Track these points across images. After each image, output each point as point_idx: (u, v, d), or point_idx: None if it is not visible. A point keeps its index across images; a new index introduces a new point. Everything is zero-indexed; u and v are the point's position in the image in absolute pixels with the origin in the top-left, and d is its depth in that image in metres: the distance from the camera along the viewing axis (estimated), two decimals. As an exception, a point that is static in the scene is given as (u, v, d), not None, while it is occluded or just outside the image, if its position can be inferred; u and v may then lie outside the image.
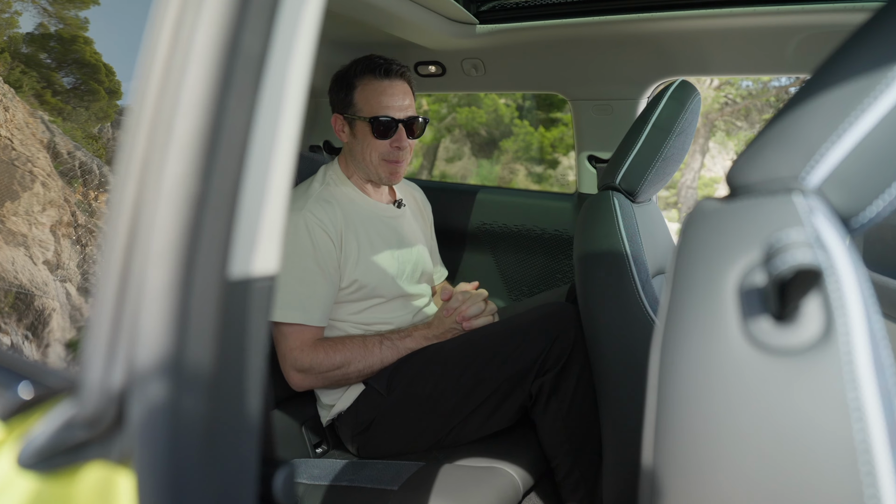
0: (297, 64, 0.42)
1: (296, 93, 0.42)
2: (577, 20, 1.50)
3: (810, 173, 0.46)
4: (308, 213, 1.39)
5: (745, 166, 0.51)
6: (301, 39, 0.42)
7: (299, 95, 0.42)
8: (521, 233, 1.95)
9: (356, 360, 1.40)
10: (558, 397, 1.34)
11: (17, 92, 1.02)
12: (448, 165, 12.93)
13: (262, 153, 0.40)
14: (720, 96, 10.64)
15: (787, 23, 1.34)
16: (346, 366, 1.40)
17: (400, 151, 1.47)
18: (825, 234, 0.41)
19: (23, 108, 0.97)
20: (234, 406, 0.37)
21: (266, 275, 0.41)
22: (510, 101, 11.83)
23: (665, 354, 0.44)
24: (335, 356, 1.39)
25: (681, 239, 0.51)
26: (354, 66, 1.47)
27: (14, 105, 0.98)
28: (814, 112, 0.48)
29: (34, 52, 1.07)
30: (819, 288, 0.39)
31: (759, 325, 0.40)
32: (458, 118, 12.28)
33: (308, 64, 0.43)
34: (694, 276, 0.45)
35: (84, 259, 0.94)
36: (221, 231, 0.36)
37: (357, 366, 1.40)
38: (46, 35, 1.02)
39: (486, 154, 12.83)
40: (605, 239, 1.24)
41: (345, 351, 1.40)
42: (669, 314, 0.46)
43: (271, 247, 0.41)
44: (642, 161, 1.31)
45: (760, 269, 0.41)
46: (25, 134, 0.99)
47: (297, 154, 0.43)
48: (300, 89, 0.42)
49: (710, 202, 0.51)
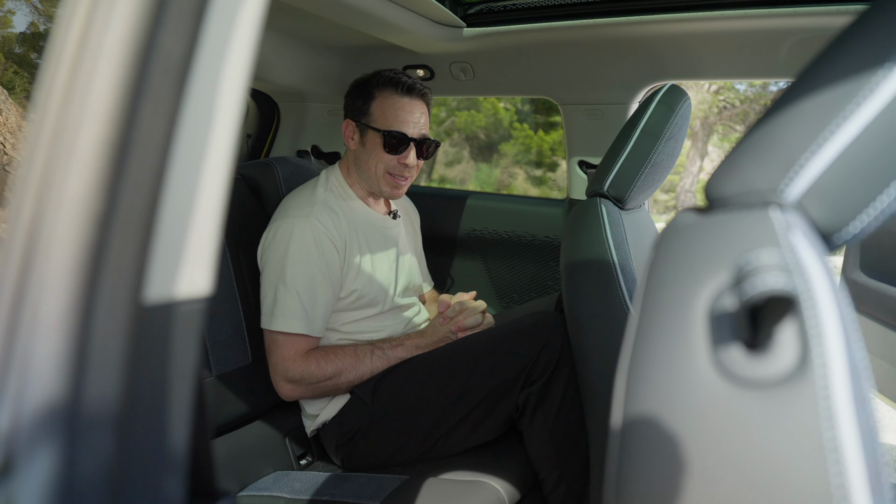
0: (231, 70, 0.39)
1: (230, 101, 0.39)
2: (566, 23, 1.47)
3: (789, 186, 0.43)
4: (315, 221, 1.37)
5: (722, 177, 0.48)
6: (237, 44, 0.39)
7: (234, 104, 0.39)
8: (512, 239, 1.91)
9: (347, 370, 1.38)
10: (545, 408, 1.31)
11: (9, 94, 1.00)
12: (447, 169, 12.92)
13: (187, 167, 0.36)
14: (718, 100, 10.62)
15: (778, 26, 1.31)
16: (338, 376, 1.37)
17: (406, 168, 1.45)
18: (802, 255, 0.38)
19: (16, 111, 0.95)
20: (150, 443, 0.34)
21: (193, 297, 0.37)
22: (509, 104, 11.83)
23: (631, 381, 0.41)
24: (327, 367, 1.36)
25: (652, 255, 0.48)
26: (377, 76, 1.45)
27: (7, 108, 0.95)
28: (793, 120, 0.45)
29: (26, 53, 1.04)
30: (794, 314, 0.35)
31: (730, 354, 0.36)
32: (457, 122, 12.28)
33: (246, 70, 0.40)
34: (663, 297, 0.42)
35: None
36: (133, 252, 0.32)
37: (348, 376, 1.38)
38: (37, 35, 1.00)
39: (486, 158, 12.82)
40: (592, 247, 1.21)
41: (336, 361, 1.37)
42: (637, 338, 0.42)
43: (200, 267, 0.38)
44: (631, 167, 1.28)
45: (731, 293, 0.37)
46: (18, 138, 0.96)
47: (235, 167, 0.40)
48: (236, 97, 0.39)
49: (686, 215, 0.48)
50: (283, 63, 1.80)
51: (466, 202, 2.00)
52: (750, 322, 0.36)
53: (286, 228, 1.39)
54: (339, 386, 1.38)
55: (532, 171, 12.08)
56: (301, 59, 1.83)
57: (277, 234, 1.40)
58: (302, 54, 1.82)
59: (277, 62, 1.79)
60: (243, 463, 1.47)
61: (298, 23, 1.59)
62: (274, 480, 1.44)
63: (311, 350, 1.38)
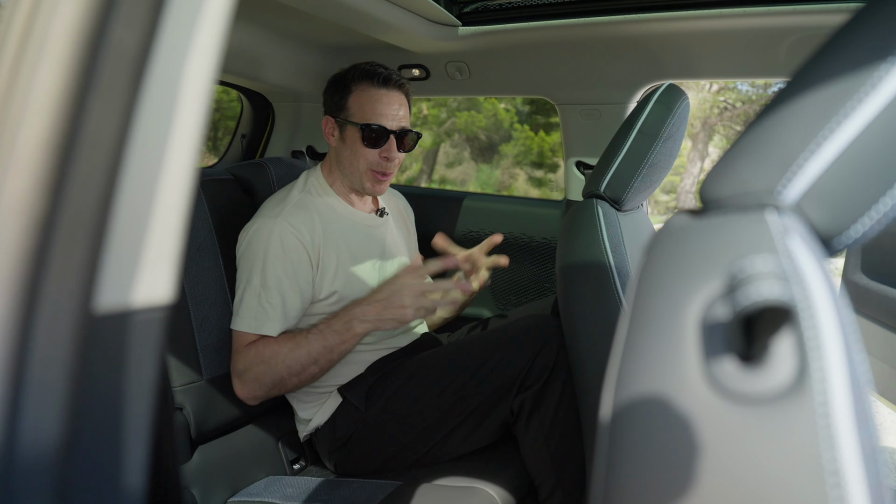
0: (196, 65, 0.36)
1: (194, 98, 0.37)
2: (562, 22, 1.45)
3: (787, 187, 0.40)
4: (283, 222, 1.34)
5: (717, 178, 0.45)
6: (201, 37, 0.37)
7: (199, 100, 0.37)
8: (508, 241, 1.89)
9: (283, 354, 1.28)
10: (541, 414, 1.29)
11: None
12: (448, 170, 12.89)
13: (145, 166, 0.34)
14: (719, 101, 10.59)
15: (778, 24, 1.29)
16: (274, 362, 1.28)
17: (388, 163, 1.42)
18: (800, 261, 0.35)
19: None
20: (100, 475, 0.32)
21: (152, 305, 0.35)
22: (510, 105, 11.81)
23: (619, 393, 0.38)
24: (264, 351, 1.29)
25: (643, 260, 0.45)
26: (353, 70, 1.42)
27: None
28: (791, 118, 0.42)
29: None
30: (792, 325, 0.33)
31: (722, 367, 0.34)
32: (457, 122, 12.25)
33: (212, 66, 0.38)
34: (652, 305, 0.40)
35: None
36: (81, 256, 0.30)
37: (286, 361, 1.28)
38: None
39: (486, 158, 12.79)
40: (588, 250, 1.19)
41: (273, 346, 1.30)
42: (626, 347, 0.40)
43: (161, 273, 0.36)
44: (628, 168, 1.26)
45: (724, 301, 0.35)
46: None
47: (199, 167, 0.38)
48: (200, 93, 0.37)
49: (679, 218, 0.46)
50: (276, 62, 1.78)
51: (463, 203, 1.97)
52: (744, 333, 0.34)
53: (255, 230, 1.37)
54: (280, 374, 1.29)
55: (533, 172, 12.06)
56: (295, 58, 1.81)
57: (247, 235, 1.38)
58: (296, 53, 1.80)
59: (271, 61, 1.77)
60: (234, 468, 1.44)
61: (292, 22, 1.57)
62: (265, 486, 1.42)
63: (253, 341, 1.33)
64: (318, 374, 1.33)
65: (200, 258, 1.45)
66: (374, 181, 1.44)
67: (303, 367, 1.29)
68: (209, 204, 1.51)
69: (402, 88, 1.44)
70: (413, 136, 1.45)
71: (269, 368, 1.29)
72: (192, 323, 1.39)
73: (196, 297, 1.42)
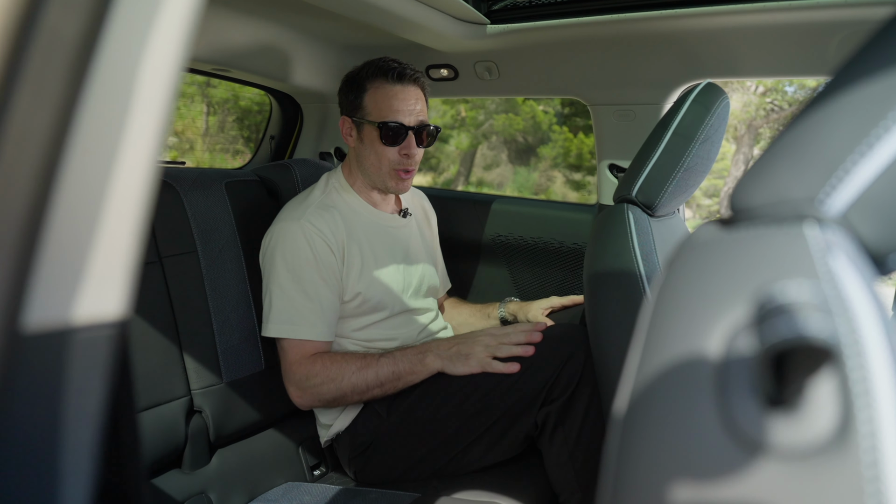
0: (156, 57, 0.33)
1: (153, 93, 0.33)
2: (595, 18, 1.38)
3: (831, 195, 0.34)
4: (306, 223, 1.33)
5: (749, 184, 0.40)
6: (163, 26, 0.33)
7: (160, 97, 0.33)
8: (538, 246, 1.83)
9: (350, 373, 1.29)
10: (565, 427, 1.23)
11: None
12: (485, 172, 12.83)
13: (89, 167, 0.31)
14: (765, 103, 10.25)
15: (828, 18, 1.20)
16: (340, 380, 1.29)
17: (408, 159, 1.39)
18: (846, 286, 0.29)
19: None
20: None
21: (99, 322, 0.32)
22: (548, 107, 11.68)
23: (626, 436, 0.33)
24: (331, 368, 1.30)
25: (663, 276, 0.40)
26: (366, 67, 1.40)
27: None
28: (837, 116, 0.36)
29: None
30: (834, 365, 0.27)
31: (746, 412, 0.28)
32: (494, 125, 12.18)
33: (177, 58, 0.34)
34: (668, 331, 0.34)
35: None
36: (3, 267, 0.27)
37: (351, 379, 1.29)
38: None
39: (524, 161, 12.68)
40: (618, 257, 1.13)
41: (341, 363, 1.30)
42: (637, 380, 0.35)
43: (110, 285, 0.32)
44: (661, 171, 1.19)
45: (751, 332, 0.29)
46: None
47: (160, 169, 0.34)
48: (161, 89, 0.33)
49: (707, 229, 0.40)
50: (304, 63, 1.77)
51: (491, 206, 1.92)
52: (774, 372, 0.28)
53: (278, 232, 1.35)
54: (343, 392, 1.30)
55: (571, 175, 11.90)
56: (323, 59, 1.79)
57: (271, 239, 1.37)
58: (324, 54, 1.78)
59: (299, 62, 1.76)
60: (253, 472, 1.43)
61: (320, 22, 1.55)
62: (284, 492, 1.40)
63: (319, 353, 1.33)
64: (379, 396, 1.33)
65: (222, 260, 1.44)
66: (398, 179, 1.41)
67: (367, 387, 1.30)
68: (232, 205, 1.50)
69: (418, 82, 1.40)
70: (432, 129, 1.42)
71: (334, 385, 1.30)
72: (212, 325, 1.38)
73: (217, 300, 1.40)
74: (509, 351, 1.26)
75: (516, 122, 11.99)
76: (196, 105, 10.36)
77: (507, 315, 1.61)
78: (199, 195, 1.44)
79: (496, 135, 12.48)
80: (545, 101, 11.44)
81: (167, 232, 1.35)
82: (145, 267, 1.30)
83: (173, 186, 1.39)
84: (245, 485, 1.40)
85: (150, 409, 1.25)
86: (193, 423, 1.33)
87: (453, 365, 1.29)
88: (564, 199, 10.82)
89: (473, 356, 1.28)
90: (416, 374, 1.30)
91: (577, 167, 11.73)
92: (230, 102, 10.51)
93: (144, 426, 1.23)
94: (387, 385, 1.30)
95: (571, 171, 11.87)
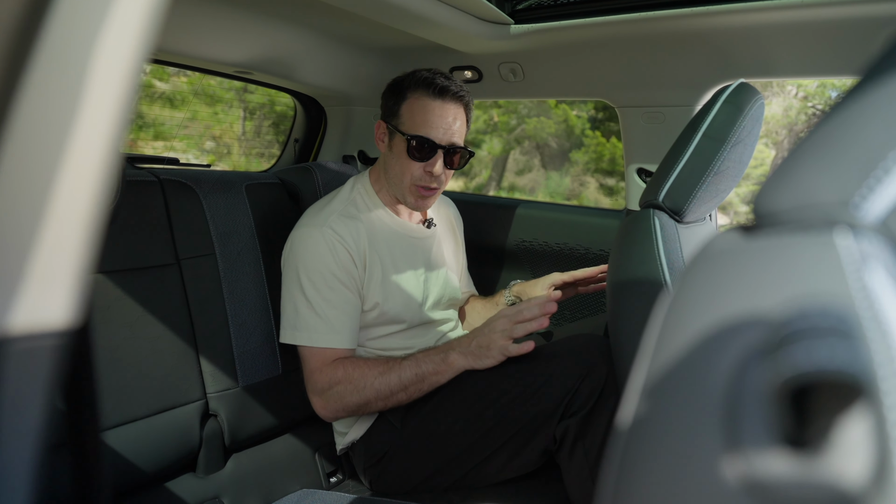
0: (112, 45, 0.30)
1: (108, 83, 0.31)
2: (623, 17, 1.33)
3: (868, 198, 0.30)
4: (328, 230, 1.31)
5: (775, 186, 0.35)
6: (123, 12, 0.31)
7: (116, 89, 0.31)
8: (564, 252, 1.78)
9: (373, 377, 1.26)
10: (586, 442, 1.18)
11: None
12: (517, 177, 12.73)
13: (29, 160, 0.28)
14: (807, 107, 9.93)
15: (871, 13, 1.13)
16: (363, 385, 1.25)
17: (432, 178, 1.34)
18: (884, 305, 0.25)
19: None
20: None
21: (39, 331, 0.29)
22: (581, 111, 11.54)
23: (623, 474, 0.29)
24: (353, 373, 1.27)
25: (674, 290, 0.36)
26: (412, 76, 1.35)
27: None
28: (876, 108, 0.32)
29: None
30: (868, 402, 0.23)
31: (759, 453, 0.24)
32: (527, 129, 12.09)
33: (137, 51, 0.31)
34: (676, 352, 0.30)
35: None
36: None
37: (374, 384, 1.25)
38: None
39: (556, 166, 12.54)
40: (642, 265, 1.07)
41: (364, 368, 1.27)
42: (640, 405, 0.31)
43: (56, 291, 0.30)
44: (690, 176, 1.13)
45: (768, 359, 0.25)
46: None
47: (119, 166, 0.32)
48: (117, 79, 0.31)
49: (727, 237, 0.36)
50: (326, 66, 1.76)
51: (516, 211, 1.88)
52: (795, 408, 0.24)
53: (300, 238, 1.33)
54: (367, 398, 1.27)
55: (604, 180, 11.72)
56: (346, 61, 1.78)
57: (293, 244, 1.35)
58: (347, 57, 1.76)
59: (321, 65, 1.74)
60: (268, 478, 1.41)
61: (342, 24, 1.53)
62: (298, 498, 1.37)
63: (340, 359, 1.30)
64: (404, 401, 1.29)
65: (240, 263, 1.43)
66: (417, 196, 1.37)
67: (391, 392, 1.26)
68: (252, 208, 1.50)
69: (462, 101, 1.35)
70: (464, 153, 1.37)
71: (356, 391, 1.26)
72: (229, 329, 1.37)
73: (234, 303, 1.40)
74: (525, 329, 1.22)
75: (548, 126, 11.89)
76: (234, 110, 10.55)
77: (513, 298, 1.57)
78: (219, 197, 1.44)
79: (528, 139, 12.38)
80: (578, 105, 11.32)
81: (185, 234, 1.35)
82: (163, 269, 1.30)
83: (193, 189, 1.39)
84: (259, 490, 1.38)
85: (165, 412, 1.24)
86: (208, 426, 1.32)
87: (478, 360, 1.24)
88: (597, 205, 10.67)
89: (493, 345, 1.23)
90: (441, 373, 1.26)
91: (609, 172, 11.56)
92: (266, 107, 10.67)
93: (159, 429, 1.22)
94: (411, 388, 1.26)
95: (604, 177, 11.70)
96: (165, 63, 1.54)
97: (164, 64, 1.55)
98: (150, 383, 1.22)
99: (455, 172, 1.41)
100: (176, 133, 8.51)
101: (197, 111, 9.12)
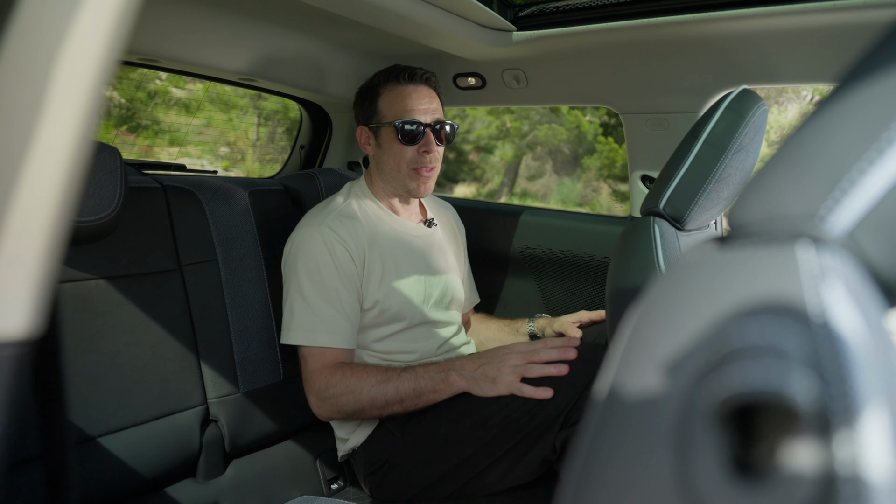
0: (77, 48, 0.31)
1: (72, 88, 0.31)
2: (626, 23, 1.32)
3: (834, 210, 0.29)
4: (326, 229, 1.32)
5: (749, 197, 0.35)
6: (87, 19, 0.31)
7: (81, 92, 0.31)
8: (568, 259, 1.77)
9: (370, 386, 1.26)
10: (585, 452, 1.17)
11: None
12: (529, 183, 12.70)
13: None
14: (823, 112, 9.82)
15: (877, 19, 1.11)
16: (359, 391, 1.26)
17: (428, 156, 1.37)
18: (840, 322, 0.24)
19: None
20: None
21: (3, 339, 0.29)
22: (593, 116, 11.50)
23: (582, 480, 0.29)
24: (350, 379, 1.27)
25: (643, 303, 0.35)
26: (378, 76, 1.42)
27: None
28: (842, 119, 0.31)
29: None
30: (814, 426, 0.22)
31: (708, 479, 0.23)
32: (538, 135, 12.07)
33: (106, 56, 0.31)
34: (636, 367, 0.30)
35: None
36: None
37: (370, 392, 1.25)
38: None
39: (568, 172, 12.49)
40: (641, 273, 1.06)
41: (362, 375, 1.27)
42: (599, 416, 0.30)
43: (13, 300, 0.30)
44: (691, 183, 1.12)
45: (716, 380, 0.24)
46: None
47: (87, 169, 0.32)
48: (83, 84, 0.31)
49: (700, 249, 0.35)
50: (331, 73, 1.77)
51: (520, 218, 1.87)
52: (740, 431, 0.23)
53: (299, 239, 1.35)
54: (361, 405, 1.26)
55: (617, 186, 11.66)
56: (351, 69, 1.79)
57: (292, 245, 1.36)
58: (352, 64, 1.77)
59: (326, 73, 1.75)
60: (269, 484, 1.41)
61: (345, 32, 1.54)
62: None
63: (340, 364, 1.30)
64: (399, 412, 1.29)
65: (243, 269, 1.44)
66: (418, 179, 1.39)
67: (387, 402, 1.26)
68: (255, 214, 1.50)
69: (429, 82, 1.41)
70: (450, 127, 1.41)
71: (353, 397, 1.27)
72: (230, 334, 1.38)
73: (236, 309, 1.40)
74: (541, 371, 1.20)
75: (559, 132, 11.86)
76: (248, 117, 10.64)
77: (536, 331, 1.56)
78: (222, 204, 1.44)
79: (540, 145, 12.35)
80: (590, 111, 11.28)
81: (188, 240, 1.36)
82: (165, 275, 1.30)
83: (195, 195, 1.40)
84: (260, 496, 1.39)
85: (165, 418, 1.24)
86: (209, 432, 1.32)
87: (479, 387, 1.23)
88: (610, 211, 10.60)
89: (501, 380, 1.22)
90: (439, 392, 1.25)
91: (622, 178, 11.49)
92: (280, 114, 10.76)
93: (159, 434, 1.23)
94: (407, 402, 1.26)
95: (617, 182, 11.63)
96: (167, 70, 1.56)
97: (165, 70, 1.56)
98: (151, 388, 1.23)
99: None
100: (191, 139, 8.59)
101: (212, 117, 9.20)
